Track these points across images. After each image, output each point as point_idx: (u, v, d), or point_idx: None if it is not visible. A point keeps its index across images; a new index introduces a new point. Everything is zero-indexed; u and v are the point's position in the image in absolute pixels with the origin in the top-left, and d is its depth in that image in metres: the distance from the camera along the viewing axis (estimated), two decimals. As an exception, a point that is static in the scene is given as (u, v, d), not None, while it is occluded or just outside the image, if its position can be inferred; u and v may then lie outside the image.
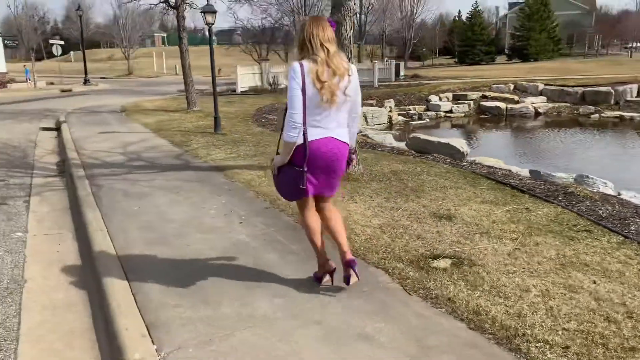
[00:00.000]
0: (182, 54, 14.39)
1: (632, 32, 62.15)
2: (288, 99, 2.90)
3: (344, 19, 5.82)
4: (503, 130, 19.94)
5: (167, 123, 12.10)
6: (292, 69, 2.92)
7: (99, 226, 4.89)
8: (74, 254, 4.56)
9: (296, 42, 3.06)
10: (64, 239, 4.94)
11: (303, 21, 3.10)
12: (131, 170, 7.29)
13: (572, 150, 15.03)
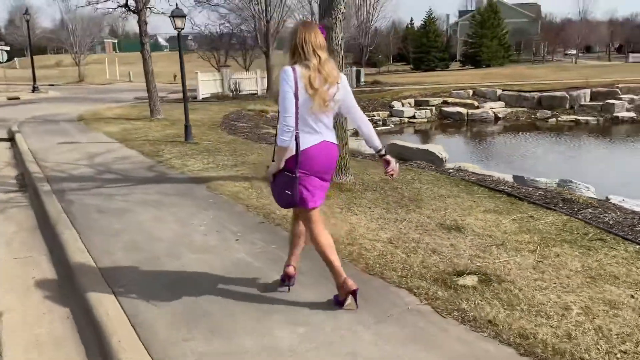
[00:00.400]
0: (145, 60, 13.81)
1: (574, 39, 64.96)
2: (280, 102, 2.88)
3: (334, 23, 5.59)
4: (467, 135, 20.23)
5: (133, 132, 11.53)
6: (285, 73, 2.89)
7: (77, 247, 4.45)
8: (53, 279, 4.11)
9: (287, 48, 3.03)
10: (38, 263, 4.46)
11: (295, 27, 3.08)
12: (103, 183, 6.79)
13: (540, 154, 15.34)
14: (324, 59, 2.95)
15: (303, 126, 2.92)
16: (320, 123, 2.99)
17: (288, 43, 3.03)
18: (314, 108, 2.90)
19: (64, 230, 4.92)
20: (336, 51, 5.66)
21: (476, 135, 20.37)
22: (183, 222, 4.98)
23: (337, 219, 4.80)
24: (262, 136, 10.97)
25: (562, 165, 12.93)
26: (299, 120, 2.90)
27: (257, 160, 7.85)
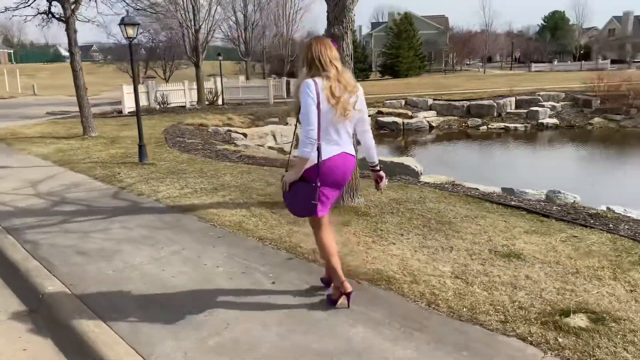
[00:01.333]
0: (75, 72, 12.47)
1: (481, 50, 68.96)
2: (302, 115, 2.94)
3: (345, 32, 5.11)
4: (409, 145, 20.42)
5: (71, 154, 10.27)
6: (307, 85, 2.93)
7: (76, 307, 3.60)
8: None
9: (303, 62, 3.10)
10: (23, 335, 3.54)
11: (308, 42, 3.16)
12: (66, 217, 5.79)
13: (496, 162, 15.69)
14: (341, 69, 3.06)
15: (324, 137, 3.00)
16: (340, 133, 3.08)
17: (303, 58, 3.09)
18: (336, 117, 2.98)
19: (46, 283, 4.01)
20: (347, 62, 5.18)
21: (417, 144, 20.64)
22: (194, 264, 4.24)
23: (354, 243, 4.30)
24: (220, 153, 10.18)
25: (527, 174, 13.23)
26: (321, 131, 2.96)
27: (229, 181, 7.14)
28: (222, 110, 21.54)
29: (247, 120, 19.35)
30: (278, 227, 5.00)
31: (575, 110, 22.96)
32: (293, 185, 3.10)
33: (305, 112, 2.92)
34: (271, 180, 7.16)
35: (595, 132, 21.00)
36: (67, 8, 12.16)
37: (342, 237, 4.61)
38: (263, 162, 8.96)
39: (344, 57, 5.17)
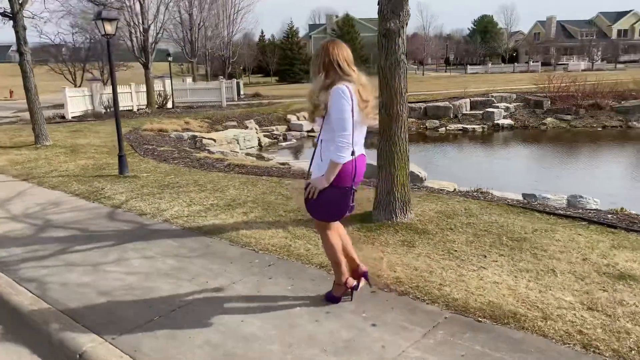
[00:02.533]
0: (25, 74, 11.13)
1: (419, 52, 70.61)
2: (338, 120, 2.92)
3: (401, 27, 4.54)
4: (370, 148, 20.07)
5: (30, 165, 9.04)
6: (343, 92, 2.91)
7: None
8: None
9: (320, 66, 3.02)
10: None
11: (325, 45, 3.08)
12: (64, 246, 4.84)
13: (463, 163, 15.60)
14: (357, 72, 3.05)
15: (354, 141, 3.01)
16: (361, 135, 3.16)
17: (320, 62, 3.01)
18: (364, 121, 3.07)
19: (81, 338, 3.16)
20: (402, 61, 4.61)
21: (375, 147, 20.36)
22: (261, 303, 3.52)
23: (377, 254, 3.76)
24: (204, 162, 9.31)
25: (506, 175, 13.19)
26: (354, 136, 2.98)
27: (235, 194, 6.38)
28: (175, 114, 20.34)
29: (205, 125, 18.33)
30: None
31: (527, 111, 23.57)
32: (322, 192, 3.05)
33: (343, 118, 2.90)
34: (285, 193, 6.47)
35: (549, 132, 21.62)
36: (15, 2, 10.80)
37: (418, 261, 4.05)
38: (258, 171, 8.21)
39: (399, 56, 4.61)
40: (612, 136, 20.48)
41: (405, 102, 4.74)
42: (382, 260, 4.08)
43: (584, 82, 23.63)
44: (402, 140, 4.78)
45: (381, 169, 4.88)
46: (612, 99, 22.82)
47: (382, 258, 4.12)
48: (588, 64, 59.11)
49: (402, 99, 4.69)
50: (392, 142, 4.76)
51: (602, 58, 63.17)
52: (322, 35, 73.38)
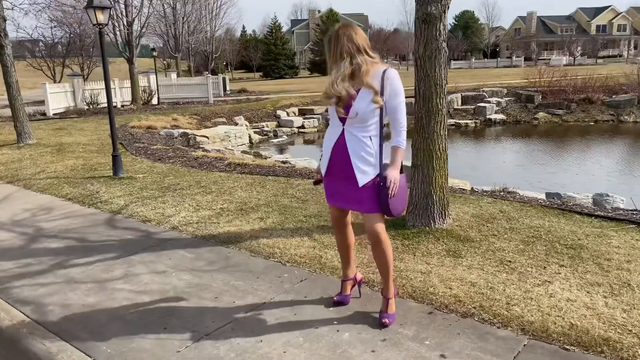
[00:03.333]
0: (7, 68, 10.39)
1: (404, 47, 70.47)
2: (401, 105, 2.78)
3: (442, 12, 4.06)
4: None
5: (14, 166, 8.38)
6: (397, 74, 2.79)
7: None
8: None
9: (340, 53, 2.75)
10: None
11: (343, 30, 2.78)
12: (60, 259, 4.28)
13: (463, 159, 15.25)
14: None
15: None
16: None
17: (339, 49, 2.74)
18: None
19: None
20: (443, 49, 4.14)
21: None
22: (304, 329, 3.02)
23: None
24: (202, 161, 8.75)
25: (514, 174, 12.85)
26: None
27: (244, 196, 5.87)
28: (162, 111, 19.64)
29: (193, 121, 17.70)
30: (373, 263, 3.87)
31: (519, 106, 23.36)
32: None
33: (403, 101, 2.78)
34: (299, 195, 5.97)
35: (542, 126, 21.43)
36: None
37: (472, 274, 3.59)
38: (262, 171, 7.69)
39: (440, 43, 4.14)
40: (603, 130, 20.38)
41: (445, 95, 4.27)
42: (431, 274, 3.62)
43: (575, 77, 23.52)
44: (442, 138, 4.32)
45: (417, 169, 4.42)
46: (602, 94, 22.74)
47: (431, 272, 3.66)
48: (570, 59, 59.57)
49: (442, 91, 4.22)
50: (430, 139, 4.30)
51: (582, 53, 63.77)
52: (304, 30, 72.68)
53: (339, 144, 2.83)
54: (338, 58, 2.76)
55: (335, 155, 2.86)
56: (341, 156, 2.83)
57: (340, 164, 2.84)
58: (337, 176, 2.89)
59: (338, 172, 2.87)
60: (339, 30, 2.80)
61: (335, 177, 2.90)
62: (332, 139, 2.87)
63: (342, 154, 2.82)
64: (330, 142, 2.89)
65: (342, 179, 2.86)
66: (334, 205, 3.03)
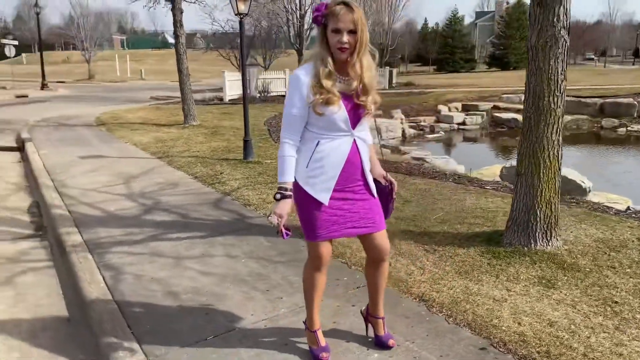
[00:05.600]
0: (179, 56, 11.63)
1: (603, 41, 62.80)
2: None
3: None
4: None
5: (170, 144, 9.36)
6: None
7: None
8: None
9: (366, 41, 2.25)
10: None
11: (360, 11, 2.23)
12: (159, 232, 4.62)
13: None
14: None
15: None
16: None
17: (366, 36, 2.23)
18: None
19: (124, 355, 2.74)
20: (562, 39, 3.46)
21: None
22: (326, 337, 2.78)
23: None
24: (332, 152, 8.77)
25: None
26: None
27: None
28: (324, 101, 20.29)
29: (350, 112, 17.92)
30: (445, 279, 3.43)
31: None
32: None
33: None
34: (405, 195, 5.60)
35: None
36: (174, -14, 11.31)
37: (557, 311, 2.96)
38: (384, 167, 7.36)
39: (558, 30, 3.46)
40: None
41: (561, 93, 3.58)
42: (505, 303, 3.07)
43: None
44: (554, 144, 3.63)
45: (520, 178, 3.79)
46: None
47: (506, 300, 3.10)
48: None
49: (557, 88, 3.54)
50: (538, 144, 3.64)
51: None
52: (488, 23, 68.96)
53: (351, 158, 2.36)
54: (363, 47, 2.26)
55: (346, 171, 2.36)
56: (352, 171, 2.38)
57: (350, 179, 2.39)
58: (342, 200, 2.39)
59: (346, 193, 2.39)
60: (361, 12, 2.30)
61: (340, 200, 2.39)
62: (341, 152, 2.34)
63: (353, 169, 2.38)
64: (338, 157, 2.34)
65: (352, 200, 2.40)
66: (333, 238, 2.45)
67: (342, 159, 2.34)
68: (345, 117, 2.29)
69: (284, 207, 2.28)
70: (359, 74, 2.29)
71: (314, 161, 2.33)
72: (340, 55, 2.24)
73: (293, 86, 2.31)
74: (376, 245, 2.48)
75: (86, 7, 39.61)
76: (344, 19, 2.18)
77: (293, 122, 2.32)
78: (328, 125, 2.31)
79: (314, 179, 2.34)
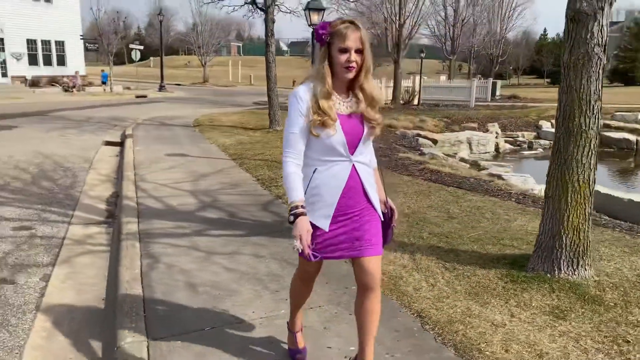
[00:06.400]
0: (269, 63, 12.21)
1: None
2: None
3: (599, 9, 3.20)
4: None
5: (249, 147, 9.88)
6: None
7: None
8: None
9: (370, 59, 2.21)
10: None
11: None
12: (204, 227, 4.98)
13: None
14: None
15: None
16: None
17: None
18: None
19: (125, 335, 3.04)
20: (595, 56, 3.26)
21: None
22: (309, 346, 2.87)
23: None
24: (400, 163, 8.75)
25: None
26: None
27: (409, 209, 5.62)
28: (416, 111, 20.08)
29: (441, 124, 17.55)
30: (450, 298, 3.37)
31: None
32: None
33: None
34: (453, 211, 5.48)
35: None
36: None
37: (554, 342, 2.80)
38: (448, 180, 7.27)
39: (591, 48, 3.26)
40: None
41: (595, 114, 3.36)
42: (501, 329, 2.96)
43: None
44: (584, 166, 3.41)
45: (548, 201, 3.60)
46: None
47: (504, 326, 2.99)
48: None
49: (589, 108, 3.33)
50: (567, 166, 3.45)
51: None
52: (616, 34, 63.83)
53: (351, 184, 2.27)
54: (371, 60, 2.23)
55: (346, 197, 2.27)
56: (352, 195, 2.29)
57: (351, 203, 2.29)
58: (343, 223, 2.30)
59: (348, 216, 2.30)
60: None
61: (341, 224, 2.30)
62: (339, 179, 2.26)
63: (353, 193, 2.29)
64: (336, 184, 2.26)
65: (353, 222, 2.30)
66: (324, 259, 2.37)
67: (340, 186, 2.25)
68: (342, 140, 2.21)
69: (302, 226, 2.13)
70: (368, 93, 2.24)
71: (311, 189, 2.26)
72: (346, 75, 2.18)
73: (293, 104, 2.23)
74: (366, 269, 2.29)
75: (204, 15, 42.46)
76: (352, 38, 2.13)
77: (293, 141, 2.23)
78: (325, 149, 2.23)
79: (312, 206, 2.25)
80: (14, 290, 3.80)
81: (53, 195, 6.58)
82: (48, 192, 6.73)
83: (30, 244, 4.79)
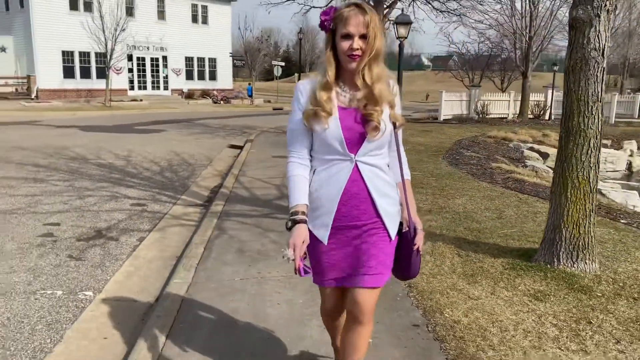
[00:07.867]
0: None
1: None
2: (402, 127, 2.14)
3: (595, 16, 3.41)
4: None
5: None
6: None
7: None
8: None
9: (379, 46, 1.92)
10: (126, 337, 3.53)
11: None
12: (272, 212, 5.85)
13: None
14: None
15: None
16: None
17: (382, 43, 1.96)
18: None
19: (176, 279, 3.97)
20: (592, 60, 3.47)
21: None
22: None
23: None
24: (489, 172, 8.84)
25: None
26: None
27: (464, 208, 5.92)
28: (542, 125, 19.23)
29: (567, 139, 16.66)
30: (444, 275, 3.76)
31: None
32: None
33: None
34: (507, 213, 5.67)
35: None
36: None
37: (516, 315, 3.12)
38: (527, 189, 7.29)
39: (588, 52, 3.48)
40: None
41: (594, 115, 3.53)
42: (473, 301, 3.32)
43: None
44: (583, 165, 3.60)
45: (552, 197, 3.82)
46: None
47: (478, 299, 3.35)
48: None
49: (587, 109, 3.52)
50: (567, 163, 3.66)
51: None
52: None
53: (351, 188, 1.99)
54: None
55: (346, 205, 1.99)
56: (354, 204, 2.00)
57: (353, 214, 2.01)
58: (343, 240, 2.03)
59: (348, 231, 2.02)
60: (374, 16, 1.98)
61: (340, 241, 2.03)
62: (337, 182, 1.99)
63: (355, 201, 2.00)
64: (334, 188, 1.99)
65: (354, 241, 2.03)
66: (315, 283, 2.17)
67: (338, 190, 1.97)
68: (338, 136, 1.94)
69: (298, 235, 1.90)
70: (368, 84, 1.92)
71: (312, 192, 2.01)
72: (350, 64, 1.91)
73: (294, 97, 2.06)
74: (357, 301, 2.01)
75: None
76: (355, 22, 1.87)
77: (294, 137, 2.04)
78: (322, 146, 1.99)
79: (312, 213, 2.01)
80: (116, 245, 4.98)
81: (171, 183, 7.98)
82: (167, 181, 8.15)
83: (139, 215, 6.05)
